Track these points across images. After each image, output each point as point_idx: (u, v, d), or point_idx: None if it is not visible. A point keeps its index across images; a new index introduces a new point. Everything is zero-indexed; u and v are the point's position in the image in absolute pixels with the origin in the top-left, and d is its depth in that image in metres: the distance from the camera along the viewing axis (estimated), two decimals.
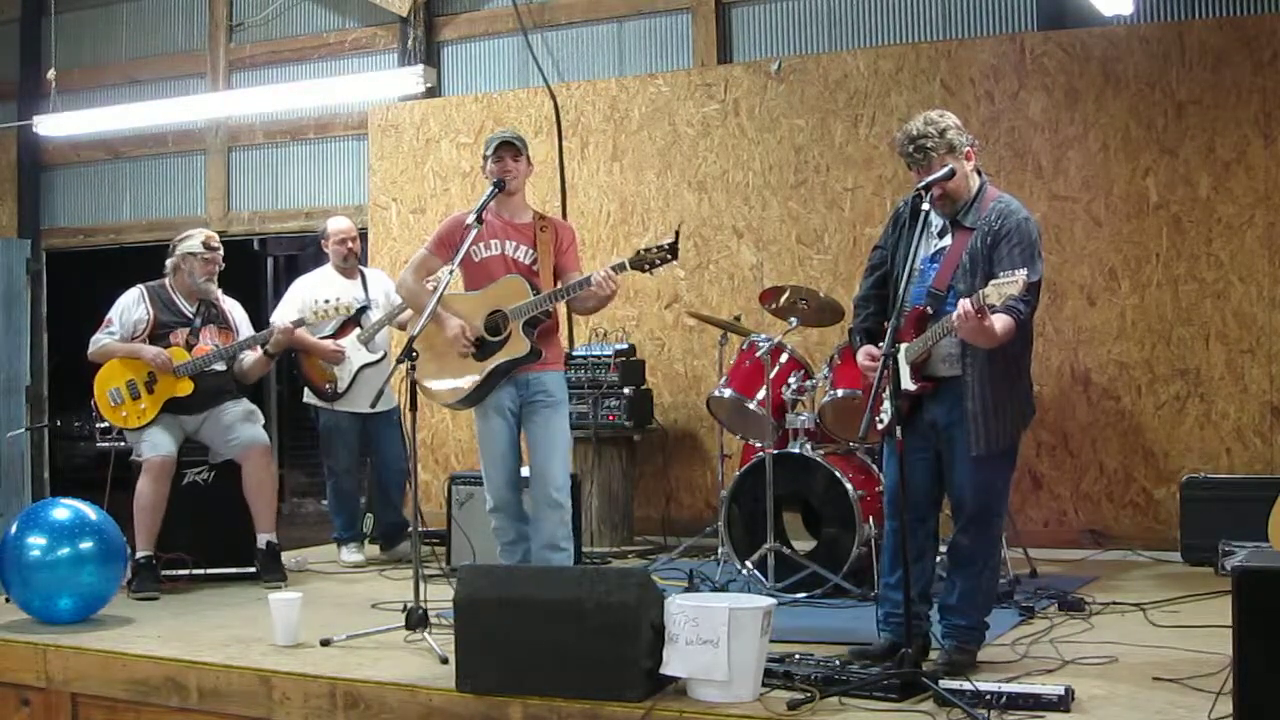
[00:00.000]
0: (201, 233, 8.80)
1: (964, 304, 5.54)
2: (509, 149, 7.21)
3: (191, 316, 8.68)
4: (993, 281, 5.47)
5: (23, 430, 12.53)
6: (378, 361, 9.34)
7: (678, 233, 7.04)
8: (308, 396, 9.57)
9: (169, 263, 8.76)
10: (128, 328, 8.60)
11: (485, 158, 7.28)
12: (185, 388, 8.48)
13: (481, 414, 7.19)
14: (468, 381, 7.08)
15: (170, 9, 13.45)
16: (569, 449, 7.27)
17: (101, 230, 13.82)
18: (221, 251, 8.80)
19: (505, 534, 7.22)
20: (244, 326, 8.88)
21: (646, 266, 6.98)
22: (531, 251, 7.21)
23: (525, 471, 7.26)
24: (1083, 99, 9.30)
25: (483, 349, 7.07)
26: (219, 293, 8.85)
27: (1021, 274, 5.40)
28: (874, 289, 6.25)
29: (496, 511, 7.19)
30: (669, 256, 6.93)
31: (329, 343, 9.27)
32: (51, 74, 12.82)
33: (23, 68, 13.91)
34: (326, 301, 8.79)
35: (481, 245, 7.17)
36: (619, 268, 6.94)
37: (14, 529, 7.39)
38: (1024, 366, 6.02)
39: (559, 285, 7.12)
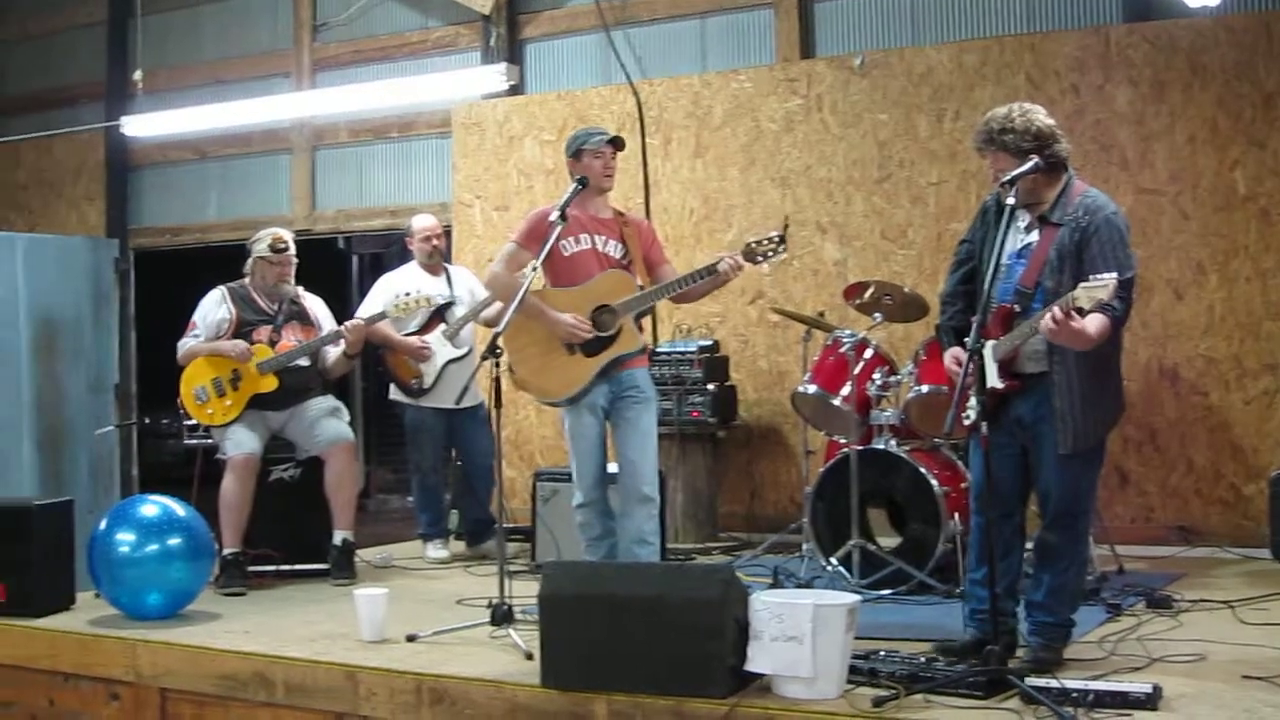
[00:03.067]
0: (269, 234, 8.86)
1: (1054, 310, 5.50)
2: (614, 145, 7.28)
3: (274, 314, 8.76)
4: (1082, 285, 5.42)
5: (111, 428, 12.64)
6: (462, 357, 9.38)
7: (786, 224, 7.06)
8: (393, 393, 9.63)
9: (246, 264, 8.85)
10: (211, 329, 8.68)
11: (581, 150, 7.29)
12: (269, 384, 8.56)
13: (574, 410, 7.21)
14: (580, 378, 7.11)
15: (255, 10, 13.57)
16: (656, 439, 7.29)
17: (188, 229, 13.96)
18: (291, 251, 8.85)
19: (591, 529, 7.25)
20: (327, 322, 8.94)
21: (759, 259, 7.08)
22: (621, 246, 7.24)
23: (612, 468, 7.28)
24: (1169, 91, 9.22)
25: (592, 344, 7.10)
26: (299, 290, 8.93)
27: (1111, 278, 5.36)
28: (960, 284, 6.22)
29: (584, 507, 7.23)
30: (779, 247, 7.05)
31: (414, 339, 9.32)
32: (138, 75, 12.96)
33: (110, 69, 14.07)
34: (408, 294, 8.83)
35: (570, 240, 7.20)
36: (735, 260, 7.08)
37: (103, 525, 7.47)
38: (1114, 364, 5.98)
39: (654, 280, 7.17)
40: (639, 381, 7.20)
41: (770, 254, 7.04)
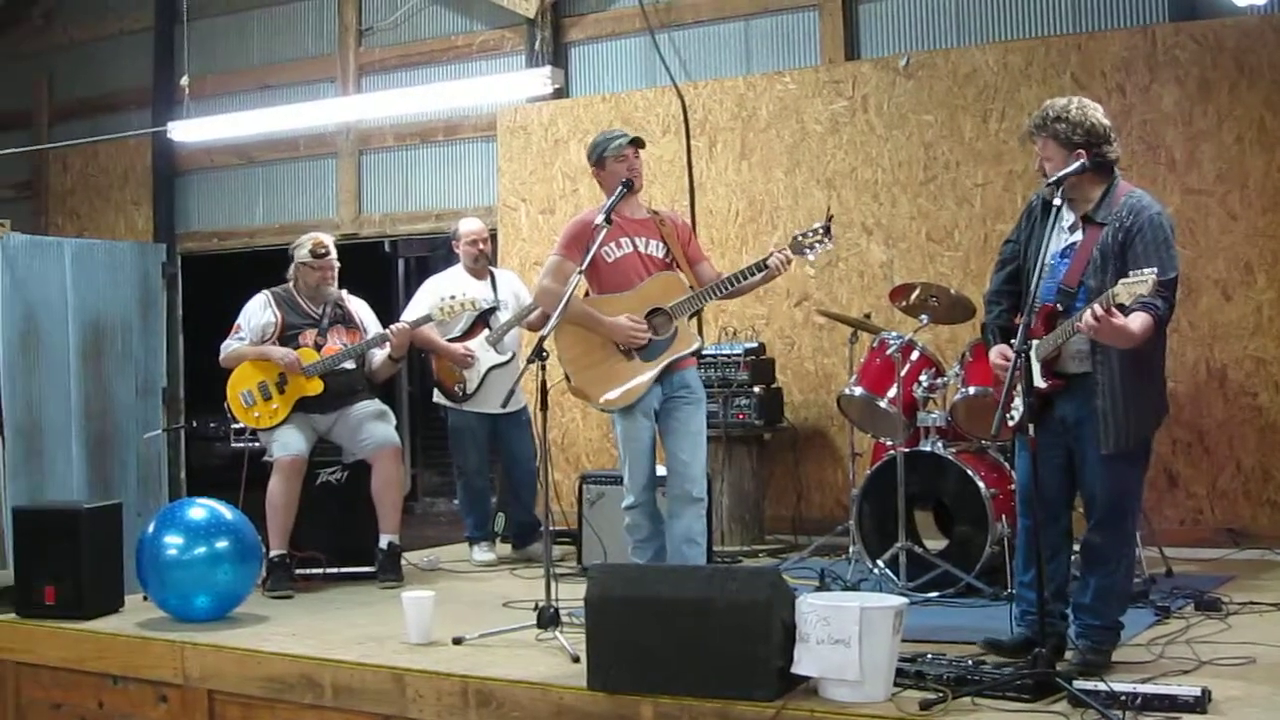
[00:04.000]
0: (310, 239, 8.91)
1: (1095, 307, 5.49)
2: (636, 147, 7.28)
3: (319, 317, 8.80)
4: (1122, 281, 5.41)
5: (160, 431, 12.73)
6: (506, 363, 9.40)
7: (829, 215, 7.07)
8: (437, 397, 9.66)
9: (290, 269, 8.90)
10: (256, 332, 8.73)
11: (604, 157, 7.30)
12: (316, 387, 8.60)
13: (628, 414, 7.21)
14: (639, 381, 7.12)
15: (300, 15, 13.63)
16: (706, 441, 7.31)
17: (235, 234, 14.03)
18: (332, 255, 8.89)
19: (639, 531, 7.25)
20: (371, 325, 8.98)
21: (805, 250, 7.12)
22: (662, 245, 7.25)
23: (660, 471, 7.29)
24: (1216, 91, 9.18)
25: (649, 347, 7.11)
26: (343, 294, 8.97)
27: (1151, 273, 5.34)
28: (1005, 284, 6.22)
29: (634, 509, 7.23)
30: (825, 238, 7.09)
31: (458, 346, 9.34)
32: (185, 81, 13.04)
33: (157, 75, 14.14)
34: (452, 297, 8.86)
35: (612, 245, 7.21)
36: (783, 253, 7.12)
37: (151, 528, 7.53)
38: (1156, 364, 5.95)
39: (698, 275, 7.20)
40: (689, 382, 7.21)
41: (817, 244, 7.08)
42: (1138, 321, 5.55)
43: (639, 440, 7.21)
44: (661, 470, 7.29)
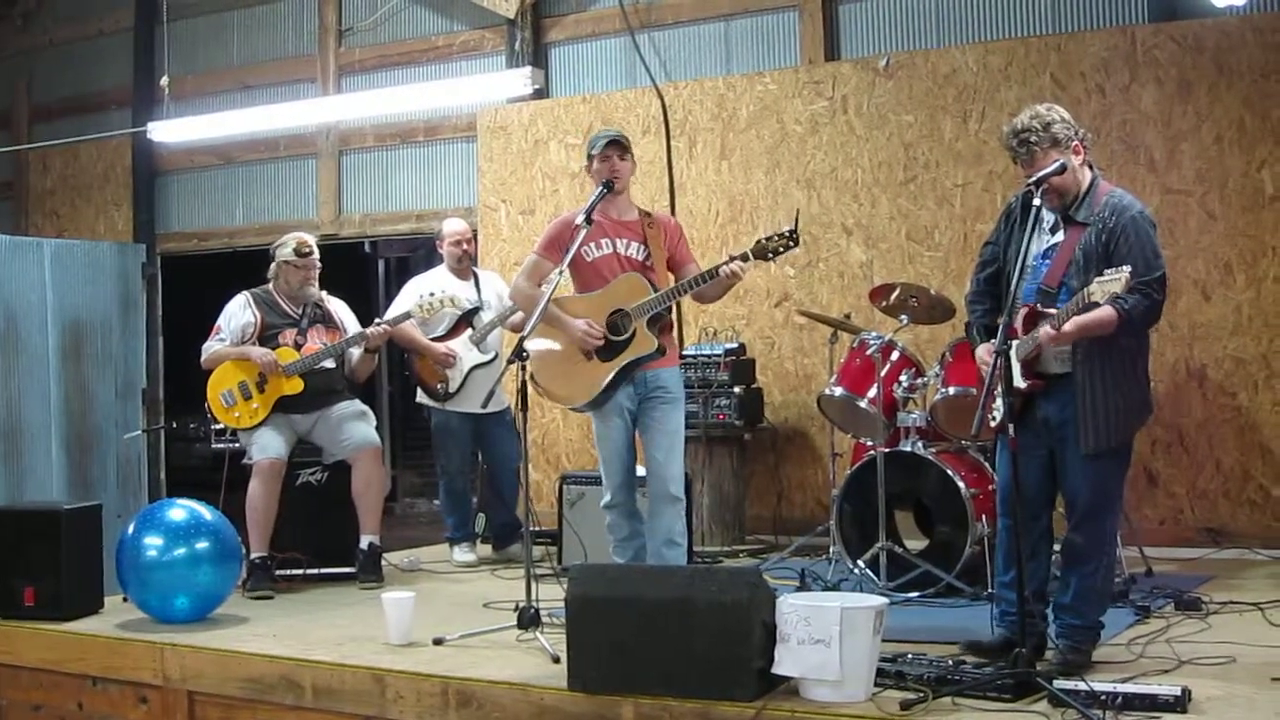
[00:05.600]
0: (294, 239, 8.90)
1: (1046, 330, 5.56)
2: (616, 147, 7.23)
3: (298, 318, 8.79)
4: (1097, 279, 5.45)
5: (139, 432, 12.69)
6: (489, 362, 9.38)
7: (797, 219, 7.05)
8: (420, 396, 9.64)
9: (270, 269, 8.88)
10: (236, 333, 8.72)
11: (590, 157, 7.30)
12: (296, 386, 8.58)
13: (600, 414, 7.20)
14: (597, 383, 7.08)
15: (280, 15, 13.61)
16: (682, 439, 7.27)
17: (215, 234, 14.01)
18: (315, 255, 8.89)
19: (619, 530, 7.25)
20: (351, 325, 8.97)
21: (770, 255, 7.04)
22: (643, 248, 7.22)
23: (640, 471, 7.28)
24: (1195, 91, 9.19)
25: (608, 349, 7.09)
26: (323, 294, 8.96)
27: (1125, 271, 5.38)
28: (986, 285, 6.24)
29: (612, 508, 7.23)
30: (790, 244, 7.00)
31: (440, 346, 9.33)
32: (165, 81, 13.02)
33: (136, 76, 14.11)
34: (432, 294, 8.84)
35: (592, 245, 7.19)
36: (743, 258, 6.97)
37: (131, 529, 7.51)
38: (1139, 364, 5.96)
39: (678, 279, 7.16)
40: (664, 381, 7.18)
41: (781, 249, 7.00)
42: (1091, 315, 5.58)
43: (611, 440, 7.20)
44: (642, 471, 7.28)
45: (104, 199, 14.56)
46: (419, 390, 9.63)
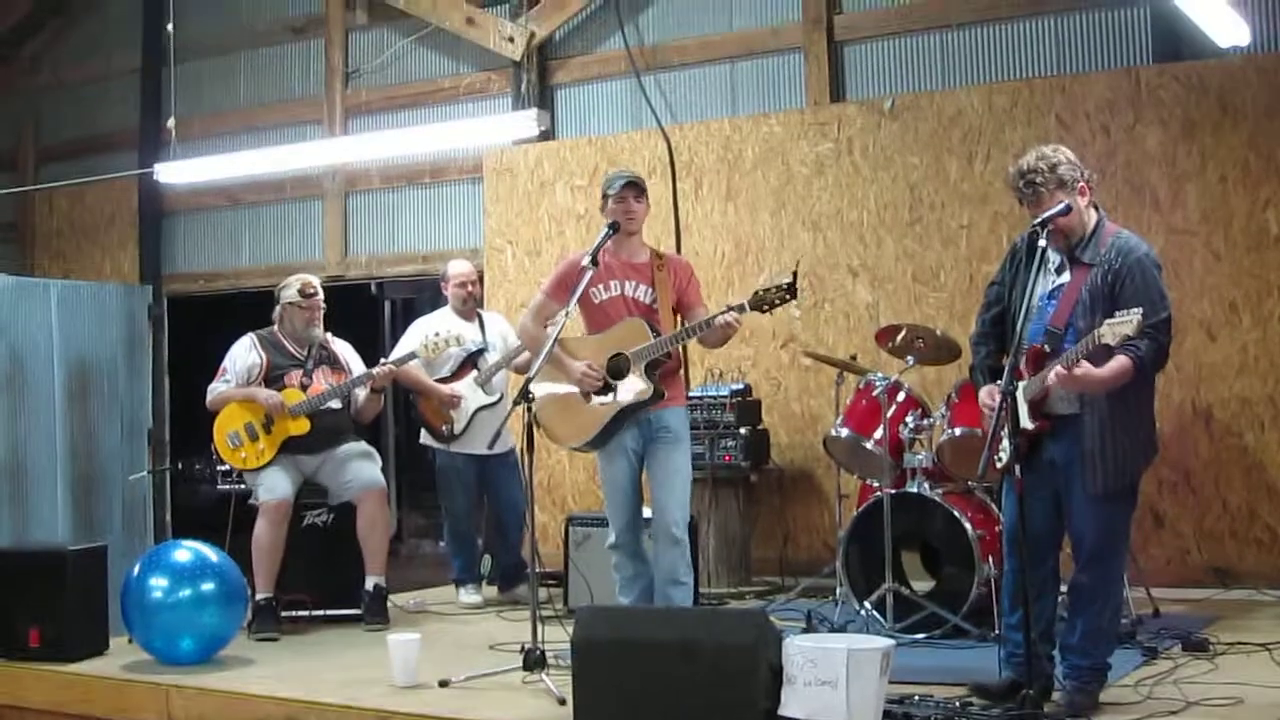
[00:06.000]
0: (298, 280, 8.92)
1: (1057, 369, 5.56)
2: (632, 189, 7.26)
3: (304, 359, 8.81)
4: (1108, 322, 5.46)
5: (145, 473, 12.69)
6: (494, 404, 9.38)
7: (795, 272, 7.03)
8: (424, 438, 9.64)
9: (275, 310, 8.90)
10: (241, 374, 8.73)
11: (606, 197, 7.31)
12: (302, 426, 8.59)
13: (605, 454, 7.24)
14: (595, 424, 7.12)
15: (287, 58, 13.65)
16: (688, 485, 7.25)
17: (221, 275, 14.02)
18: (320, 296, 8.91)
19: (624, 570, 7.26)
20: (356, 366, 8.98)
21: (765, 307, 7.01)
22: (650, 290, 7.23)
23: (647, 513, 7.28)
24: (1200, 131, 9.21)
25: (605, 392, 7.11)
26: (328, 336, 8.98)
27: (1137, 313, 5.38)
28: (990, 326, 6.25)
29: (616, 549, 7.24)
30: (787, 296, 6.96)
31: (445, 388, 9.34)
32: (171, 123, 13.01)
33: (143, 117, 14.13)
34: (438, 334, 8.85)
35: (600, 287, 7.21)
36: (739, 309, 6.97)
37: (137, 570, 7.51)
38: (1145, 405, 5.97)
39: (681, 324, 7.17)
40: (668, 422, 7.18)
41: (777, 302, 6.97)
42: (1110, 367, 5.58)
43: (616, 480, 7.23)
44: (649, 511, 7.29)
45: (110, 240, 14.58)
46: (424, 431, 9.63)
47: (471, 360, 9.42)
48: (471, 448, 9.36)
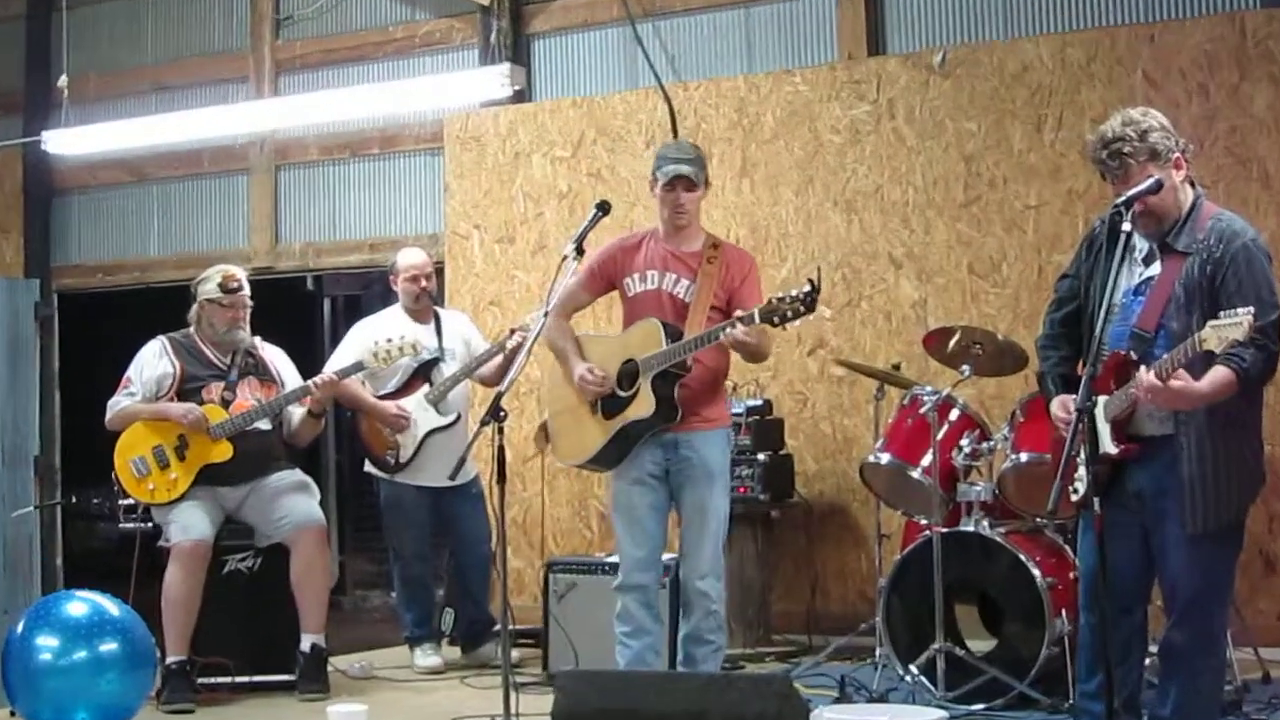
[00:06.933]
0: (219, 272, 8.91)
1: (1145, 376, 5.53)
2: (682, 182, 7.28)
3: (226, 368, 8.79)
4: (1211, 323, 5.42)
5: (31, 509, 12.69)
6: (450, 425, 9.36)
7: (815, 277, 6.90)
8: (368, 467, 9.64)
9: (191, 310, 8.88)
10: (149, 386, 8.72)
11: (655, 179, 7.38)
12: (223, 452, 8.58)
13: (617, 477, 7.34)
14: (595, 442, 7.20)
15: (206, 3, 13.63)
16: (723, 528, 7.30)
17: (125, 267, 14.01)
18: (245, 291, 8.91)
19: (627, 621, 7.28)
20: (290, 378, 8.98)
21: (776, 320, 6.90)
22: (691, 286, 7.24)
23: (668, 556, 7.32)
24: None
25: (611, 404, 7.13)
26: (255, 340, 8.97)
27: (1247, 314, 5.34)
28: (1061, 327, 6.24)
29: (622, 592, 7.28)
30: (803, 310, 6.84)
31: (390, 405, 9.33)
32: (63, 81, 12.99)
33: (29, 74, 14.14)
34: (389, 340, 8.82)
35: (636, 277, 7.36)
36: (747, 320, 6.92)
37: (21, 628, 7.48)
38: (1252, 424, 5.96)
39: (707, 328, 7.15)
40: (700, 449, 7.22)
41: (791, 315, 6.86)
42: (1210, 380, 5.56)
43: (627, 510, 7.31)
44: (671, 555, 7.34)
45: None
46: (366, 460, 9.63)
47: (423, 372, 9.41)
48: (424, 478, 9.34)
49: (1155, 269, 5.94)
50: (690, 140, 8.22)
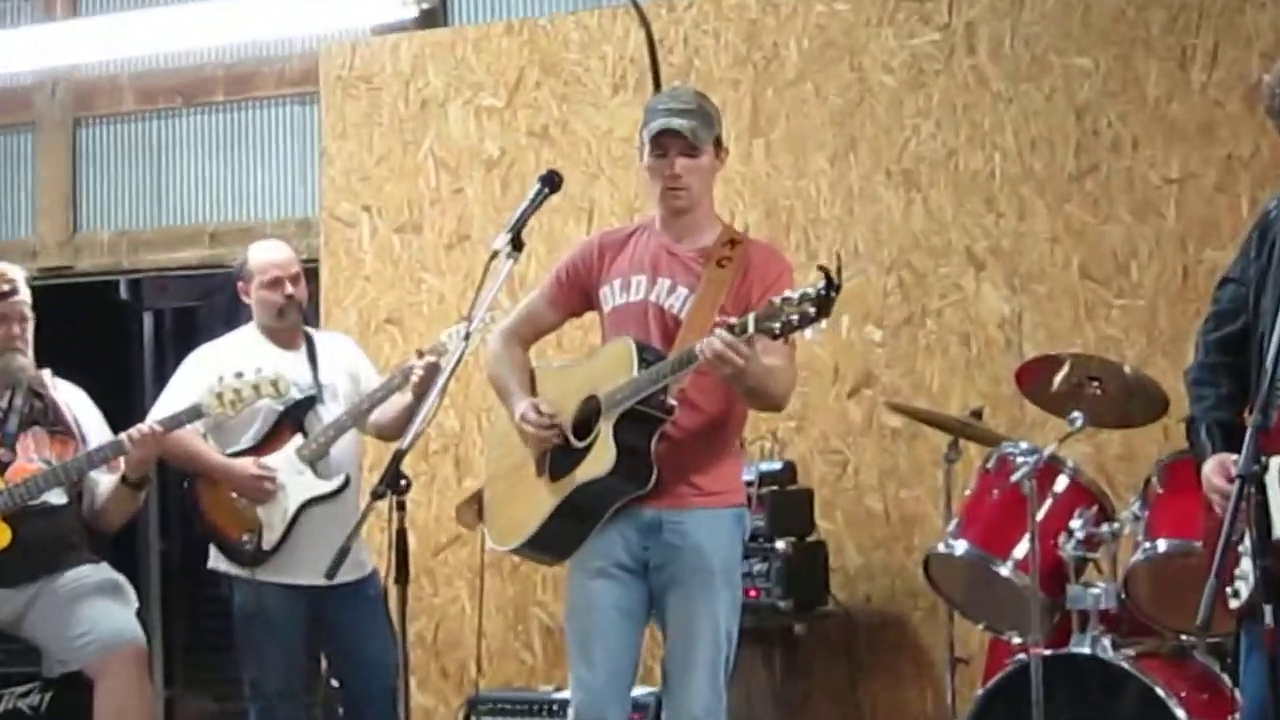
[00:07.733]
0: None
1: None
2: (677, 143, 7.22)
3: (0, 414, 8.77)
4: None
5: None
6: (336, 493, 9.35)
7: (830, 272, 6.67)
8: (214, 559, 9.61)
9: None
10: None
11: (642, 143, 7.34)
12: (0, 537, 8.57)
13: (574, 568, 7.30)
14: (535, 515, 7.16)
15: None
16: (724, 648, 7.23)
17: None
18: (21, 297, 8.85)
19: None
20: (94, 428, 8.96)
21: (780, 328, 6.57)
22: (690, 295, 7.18)
23: (642, 690, 7.35)
24: None
25: (561, 460, 7.13)
26: (44, 374, 8.95)
27: None
28: (1221, 354, 6.25)
29: None
30: (813, 313, 6.45)
31: (247, 462, 9.31)
32: None
33: None
34: (239, 375, 8.81)
35: (618, 284, 7.33)
36: (737, 329, 6.61)
37: None
38: None
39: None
40: (691, 534, 7.14)
41: (798, 321, 6.49)
42: None
43: (584, 614, 7.27)
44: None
45: None
46: (212, 548, 9.59)
47: (293, 418, 9.38)
48: (298, 573, 9.31)
49: None
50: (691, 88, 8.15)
